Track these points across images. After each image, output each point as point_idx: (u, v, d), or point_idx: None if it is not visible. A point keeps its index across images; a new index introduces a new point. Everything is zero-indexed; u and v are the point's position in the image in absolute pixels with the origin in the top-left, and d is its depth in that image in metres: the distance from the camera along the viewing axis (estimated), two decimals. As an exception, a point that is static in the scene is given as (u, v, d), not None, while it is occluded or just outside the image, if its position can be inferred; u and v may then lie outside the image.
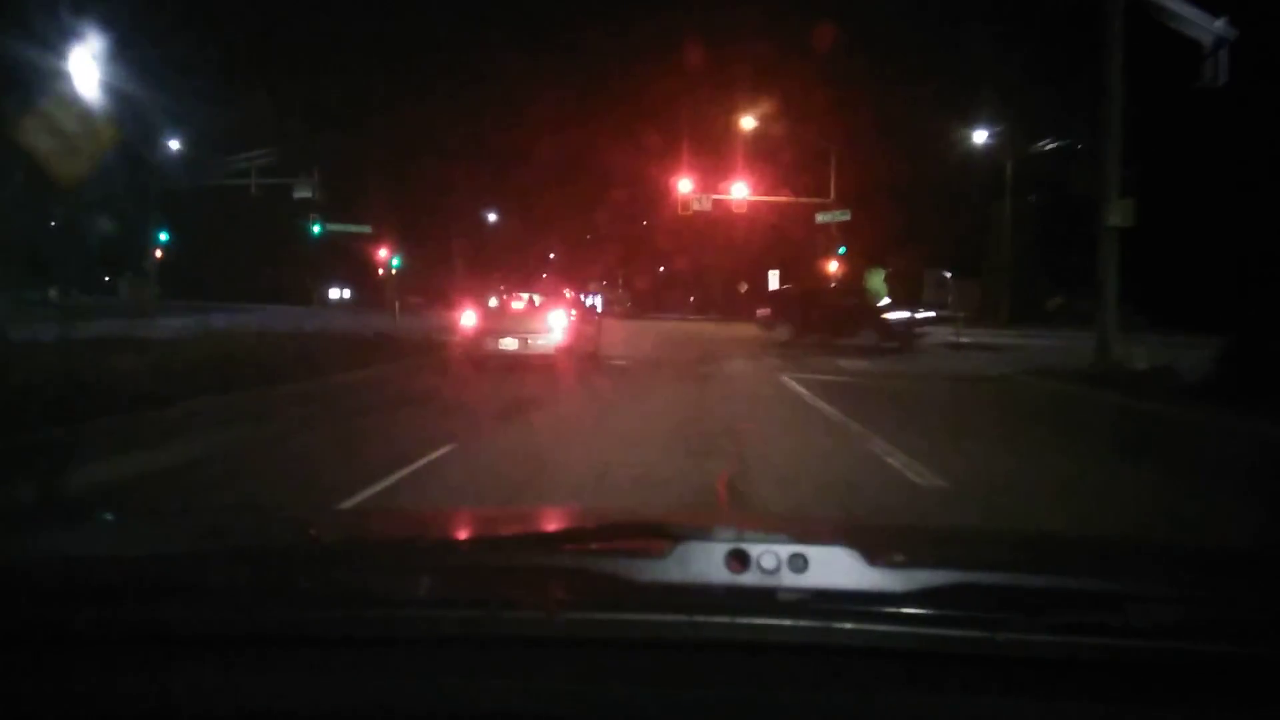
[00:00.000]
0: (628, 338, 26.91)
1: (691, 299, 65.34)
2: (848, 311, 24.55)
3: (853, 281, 37.97)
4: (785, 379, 14.02)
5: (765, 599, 1.17)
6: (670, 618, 1.10)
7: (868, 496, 6.01)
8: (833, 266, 39.32)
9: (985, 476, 6.76)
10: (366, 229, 54.59)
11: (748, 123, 38.21)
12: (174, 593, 1.20)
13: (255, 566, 1.32)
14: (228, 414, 9.20)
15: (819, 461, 7.38)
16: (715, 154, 41.51)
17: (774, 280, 51.43)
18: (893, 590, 1.20)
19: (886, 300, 27.48)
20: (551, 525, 1.96)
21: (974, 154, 35.87)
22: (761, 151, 40.30)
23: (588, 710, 1.03)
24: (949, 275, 50.21)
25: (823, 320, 24.27)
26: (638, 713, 1.02)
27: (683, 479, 6.37)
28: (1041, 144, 31.22)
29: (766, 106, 38.59)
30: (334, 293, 66.05)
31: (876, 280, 52.98)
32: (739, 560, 1.19)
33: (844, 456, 7.61)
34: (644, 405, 10.73)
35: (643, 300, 65.81)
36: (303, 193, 34.80)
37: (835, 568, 1.21)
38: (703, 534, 1.30)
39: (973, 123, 35.38)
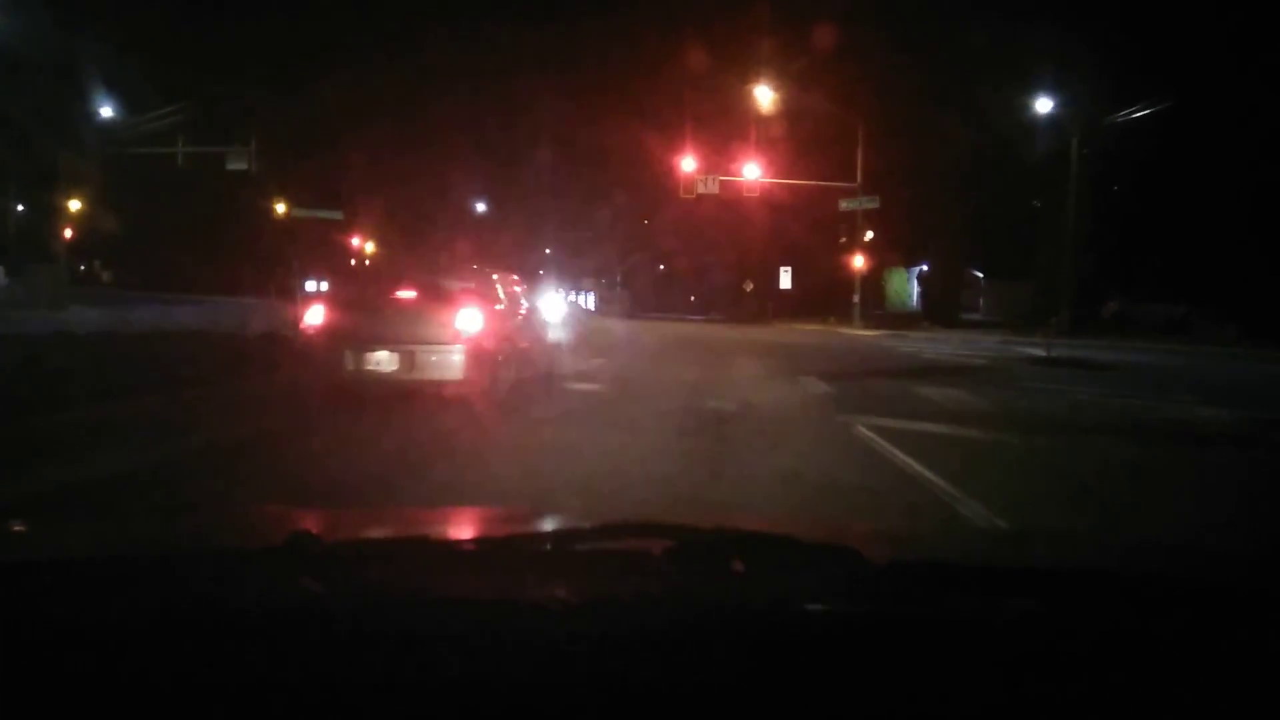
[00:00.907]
0: (616, 344, 20.53)
1: (692, 298, 59.13)
2: None
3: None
4: (865, 431, 7.67)
5: (765, 597, 1.12)
6: (669, 617, 1.06)
7: None
8: (858, 262, 32.81)
9: None
10: (337, 215, 48.28)
11: (762, 93, 31.73)
12: (176, 587, 1.13)
13: (255, 563, 1.22)
14: None
15: None
16: (724, 134, 35.04)
17: (785, 278, 45.10)
18: (892, 587, 1.16)
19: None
20: (550, 525, 1.83)
21: (1027, 131, 29.41)
22: (776, 130, 33.82)
23: (585, 709, 0.97)
24: (980, 275, 43.79)
25: None
26: (637, 711, 0.98)
27: None
28: (1128, 112, 24.69)
29: (782, 78, 32.12)
30: (311, 284, 59.61)
31: (898, 281, 46.52)
32: (739, 558, 1.18)
33: None
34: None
35: (642, 299, 59.39)
36: (236, 164, 28.41)
37: (835, 566, 1.20)
38: (702, 534, 1.29)
39: (1028, 92, 28.92)
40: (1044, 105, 27.99)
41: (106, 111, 31.96)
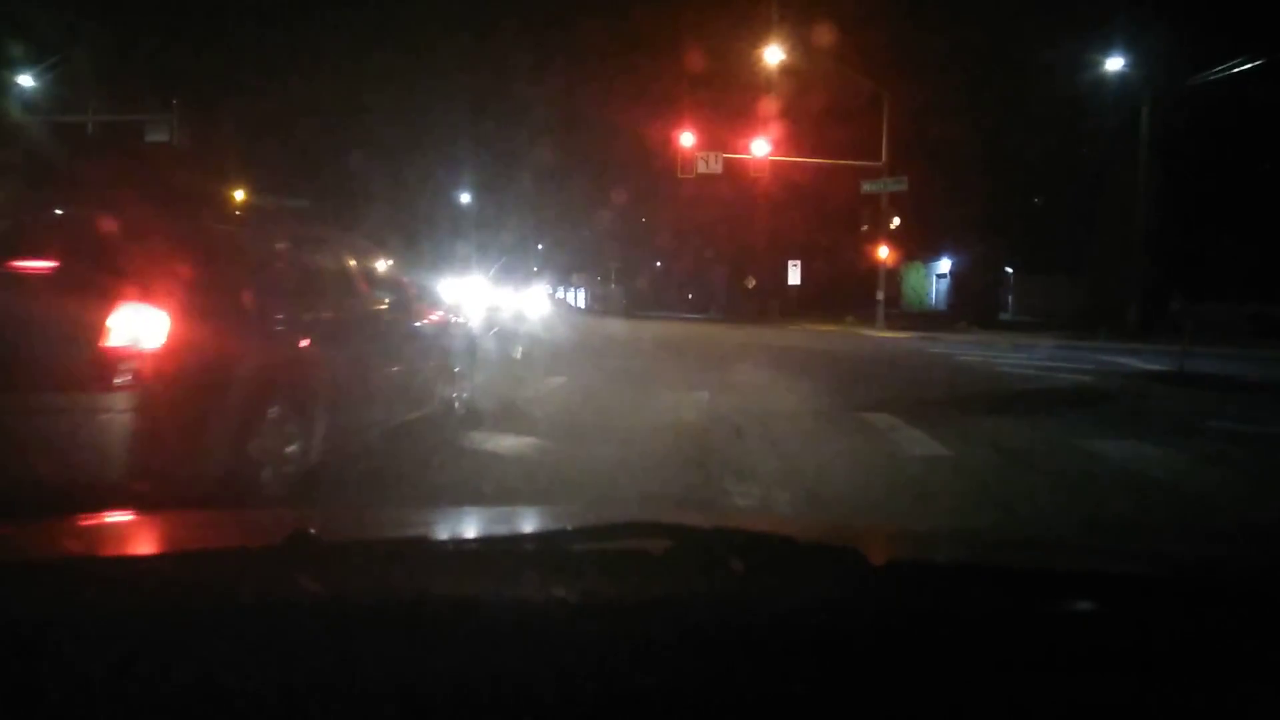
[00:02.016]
0: (595, 350, 15.60)
1: (690, 296, 54.23)
2: None
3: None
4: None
5: (765, 598, 1.06)
6: (669, 617, 1.01)
7: None
8: (883, 253, 27.80)
9: None
10: (303, 204, 43.30)
11: (772, 59, 26.74)
12: (175, 586, 1.08)
13: (254, 562, 1.15)
14: None
15: None
16: (729, 109, 30.05)
17: (794, 274, 40.13)
18: (893, 587, 1.12)
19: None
20: (550, 525, 1.73)
21: (1080, 104, 24.48)
22: (787, 104, 28.83)
23: (585, 710, 0.93)
24: (1009, 271, 38.83)
25: None
26: (637, 712, 0.93)
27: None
28: (1224, 68, 19.69)
29: (795, 43, 27.17)
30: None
31: (915, 277, 41.59)
32: (739, 559, 1.11)
33: None
34: None
35: (637, 296, 54.45)
36: (157, 135, 23.42)
37: (835, 566, 1.14)
38: (702, 534, 1.21)
39: (1079, 61, 23.97)
40: (1108, 68, 22.95)
41: (27, 80, 27.12)
